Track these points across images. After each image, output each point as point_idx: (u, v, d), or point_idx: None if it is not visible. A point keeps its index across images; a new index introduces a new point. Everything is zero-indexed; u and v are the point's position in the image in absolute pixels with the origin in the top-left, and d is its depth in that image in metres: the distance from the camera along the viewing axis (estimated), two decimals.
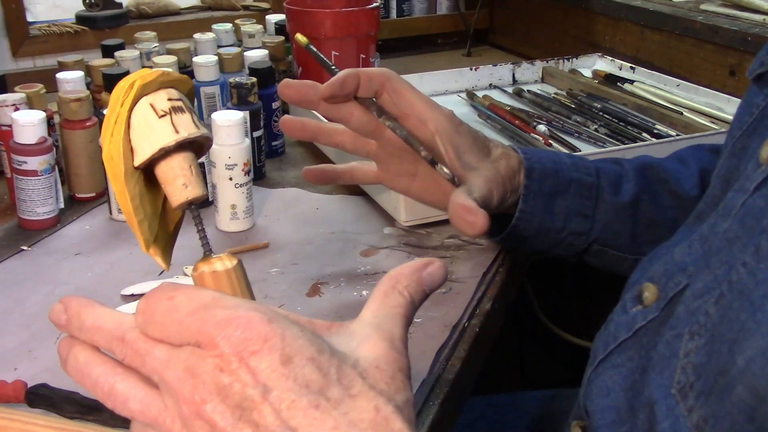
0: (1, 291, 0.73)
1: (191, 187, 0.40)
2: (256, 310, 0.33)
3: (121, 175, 0.40)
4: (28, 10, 1.37)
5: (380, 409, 0.33)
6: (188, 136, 0.40)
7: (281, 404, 0.32)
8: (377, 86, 0.65)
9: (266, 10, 1.52)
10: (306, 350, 0.33)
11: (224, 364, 0.32)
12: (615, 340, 0.52)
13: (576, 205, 0.70)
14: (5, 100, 0.88)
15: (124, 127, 0.40)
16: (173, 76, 0.42)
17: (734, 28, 1.14)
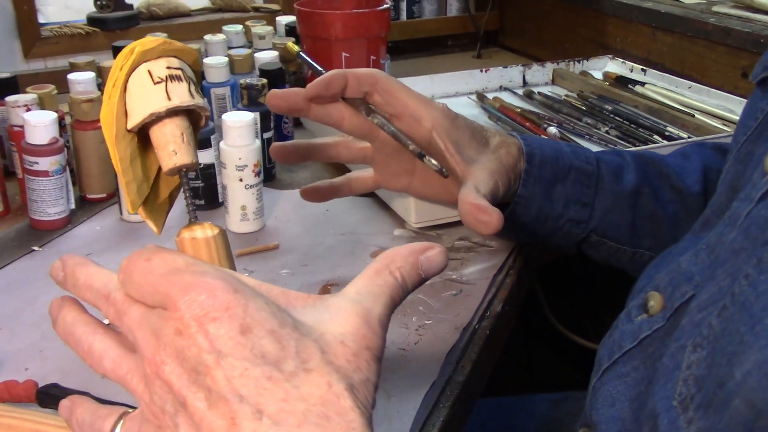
0: (13, 291, 0.73)
1: (180, 154, 0.41)
2: (223, 279, 0.34)
3: (111, 136, 0.42)
4: (40, 11, 1.38)
5: (332, 385, 0.33)
6: (180, 104, 0.41)
7: (234, 371, 0.32)
8: (367, 87, 0.65)
9: (276, 11, 1.52)
10: (267, 322, 0.33)
11: (183, 327, 0.33)
12: (620, 349, 0.52)
13: (575, 193, 0.69)
14: (17, 101, 0.89)
15: (120, 91, 0.41)
16: (176, 45, 0.43)
17: (746, 29, 1.13)
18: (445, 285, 0.74)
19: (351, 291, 0.38)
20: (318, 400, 0.32)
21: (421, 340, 0.66)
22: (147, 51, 0.42)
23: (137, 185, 0.43)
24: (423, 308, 0.70)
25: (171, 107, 0.41)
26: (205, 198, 0.89)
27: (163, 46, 0.43)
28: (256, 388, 0.32)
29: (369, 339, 0.35)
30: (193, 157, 0.42)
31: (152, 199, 0.45)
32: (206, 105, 0.44)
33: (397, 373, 0.62)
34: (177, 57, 0.43)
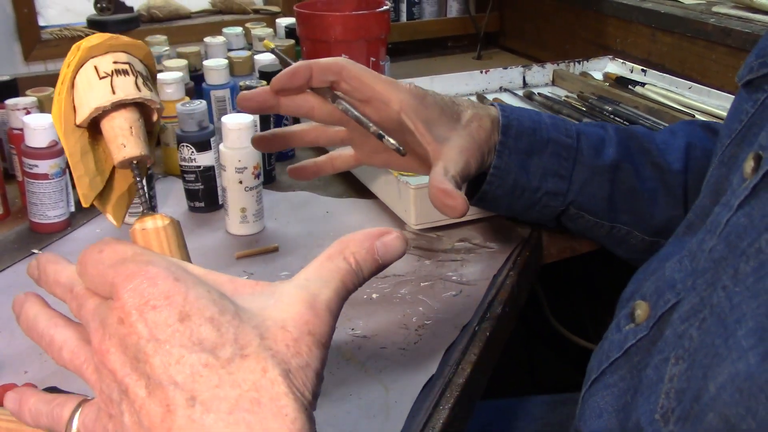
0: (12, 294, 0.72)
1: (129, 146, 0.42)
2: (166, 268, 0.34)
3: (61, 132, 0.42)
4: (40, 14, 1.38)
5: (267, 370, 0.33)
6: (125, 97, 0.42)
7: (170, 359, 0.33)
8: (332, 76, 0.65)
9: (276, 13, 1.52)
10: (207, 310, 0.34)
11: (125, 316, 0.34)
12: (608, 359, 0.51)
13: (552, 165, 0.69)
14: (17, 104, 0.89)
15: (67, 87, 0.42)
16: (123, 40, 0.43)
17: (746, 30, 1.13)
18: (445, 286, 0.74)
19: (300, 277, 0.37)
20: (251, 385, 0.32)
21: (421, 340, 0.66)
22: (93, 47, 0.43)
23: (89, 179, 0.43)
24: (423, 309, 0.70)
25: (115, 101, 0.42)
26: (204, 200, 0.89)
27: (109, 41, 0.43)
28: (192, 375, 0.32)
29: (312, 324, 0.35)
30: (143, 150, 0.42)
31: (109, 192, 0.45)
32: (155, 98, 0.44)
33: (396, 370, 0.62)
34: (125, 52, 0.44)
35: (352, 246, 0.38)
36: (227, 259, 0.79)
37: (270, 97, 0.65)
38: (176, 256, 0.41)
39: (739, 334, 0.36)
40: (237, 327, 0.34)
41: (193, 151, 0.87)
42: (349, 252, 0.38)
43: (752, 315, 0.36)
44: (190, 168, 0.88)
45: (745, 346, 0.36)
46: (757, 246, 0.38)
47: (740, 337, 0.36)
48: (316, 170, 0.75)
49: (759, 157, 0.43)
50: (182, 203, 0.91)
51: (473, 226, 0.85)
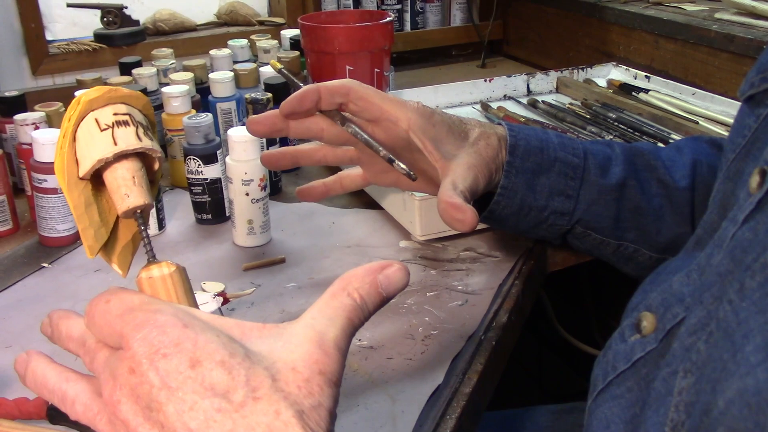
0: (23, 308, 0.74)
1: (132, 197, 0.42)
2: (174, 315, 0.35)
3: (65, 185, 0.43)
4: (47, 28, 1.39)
5: (281, 413, 0.33)
6: (126, 148, 0.42)
7: (184, 405, 0.33)
8: (340, 98, 0.65)
9: (281, 25, 1.53)
10: (217, 354, 0.34)
11: (136, 365, 0.34)
12: (614, 370, 0.52)
13: (559, 184, 0.70)
14: (26, 120, 0.90)
15: (69, 141, 0.43)
16: (122, 92, 0.44)
17: (749, 36, 1.13)
18: (450, 295, 0.74)
19: (307, 316, 0.38)
20: (265, 428, 0.33)
21: (427, 350, 0.66)
22: (93, 100, 0.43)
23: (94, 230, 0.44)
24: (429, 318, 0.71)
25: (117, 152, 0.42)
26: (211, 213, 0.90)
27: (109, 94, 0.44)
28: (206, 421, 0.33)
29: (322, 363, 0.35)
30: (146, 198, 0.43)
31: (113, 243, 0.46)
32: (156, 147, 0.44)
33: (402, 381, 0.62)
34: (125, 103, 0.45)
35: (354, 282, 0.39)
36: (234, 270, 0.80)
37: (279, 121, 0.66)
38: (183, 303, 0.41)
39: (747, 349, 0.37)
40: (248, 369, 0.34)
41: (199, 163, 0.87)
42: (353, 288, 0.38)
43: (760, 330, 0.37)
44: (197, 180, 0.88)
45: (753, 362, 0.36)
46: (762, 261, 0.39)
47: (748, 352, 0.36)
48: (324, 191, 0.75)
49: (764, 172, 0.43)
50: (189, 215, 0.92)
51: (478, 235, 0.85)
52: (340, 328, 0.37)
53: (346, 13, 1.22)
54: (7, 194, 0.88)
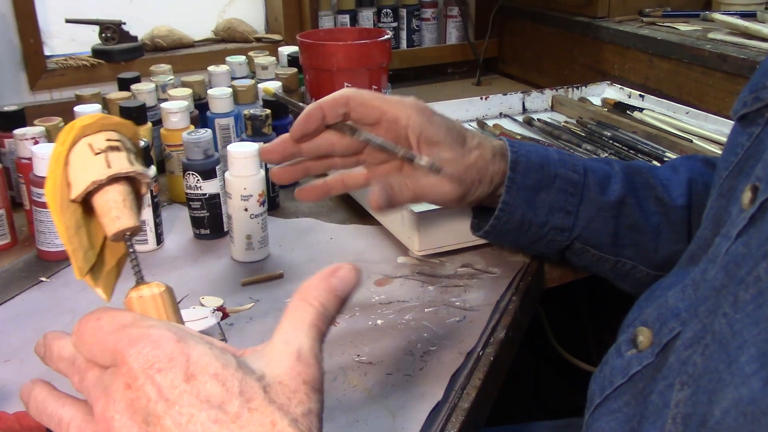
0: (22, 322, 0.74)
1: (123, 219, 0.43)
2: (168, 329, 0.36)
3: (56, 207, 0.44)
4: (46, 44, 1.40)
5: (276, 423, 0.34)
6: (120, 170, 0.44)
7: (182, 419, 0.34)
8: (342, 108, 0.67)
9: (279, 41, 1.54)
10: (210, 366, 0.35)
11: (132, 380, 0.35)
12: (611, 385, 0.52)
13: (559, 201, 0.71)
14: (25, 134, 0.90)
15: (62, 164, 0.44)
16: (114, 120, 0.46)
17: (742, 56, 1.15)
18: (449, 311, 0.75)
19: (279, 334, 0.39)
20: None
21: (426, 366, 0.66)
22: (86, 126, 0.45)
23: (83, 252, 0.45)
24: (427, 335, 0.71)
25: (111, 174, 0.44)
26: (210, 228, 0.90)
27: (102, 121, 0.45)
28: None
29: (305, 374, 0.37)
30: (136, 221, 0.44)
31: (100, 267, 0.46)
32: (146, 172, 0.46)
33: (402, 396, 0.62)
34: (115, 131, 0.46)
35: (312, 291, 0.40)
36: (233, 285, 0.80)
37: (290, 145, 0.68)
38: (173, 320, 0.42)
39: (742, 360, 0.37)
40: (241, 380, 0.35)
41: (198, 179, 0.88)
42: (312, 297, 0.40)
43: (753, 341, 0.37)
44: (195, 195, 0.89)
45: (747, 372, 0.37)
46: (755, 274, 0.39)
47: (743, 363, 0.37)
48: (326, 189, 0.74)
49: (756, 188, 0.44)
50: (188, 230, 0.92)
51: (476, 251, 0.85)
52: (311, 338, 0.39)
53: (344, 30, 1.23)
54: (5, 208, 0.88)
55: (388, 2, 1.63)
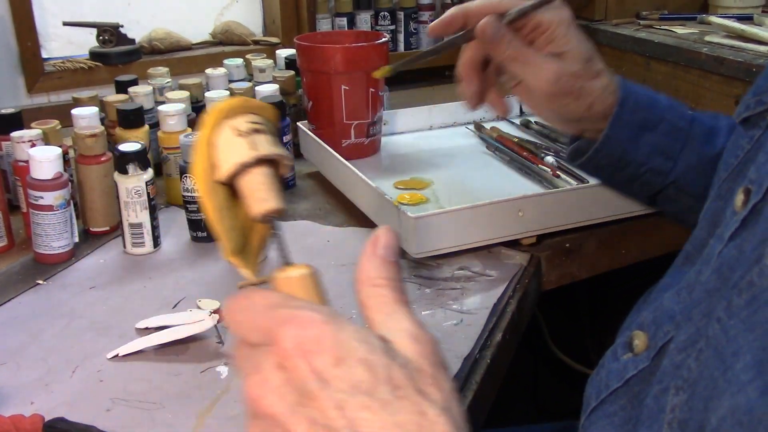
0: (18, 325, 0.74)
1: (270, 201, 0.43)
2: (317, 312, 0.35)
3: (204, 188, 0.45)
4: (43, 46, 1.40)
5: (425, 413, 0.34)
6: (264, 153, 0.44)
7: (333, 402, 0.33)
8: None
9: (276, 44, 1.54)
10: (358, 351, 0.34)
11: (285, 359, 0.34)
12: (607, 389, 0.52)
13: (662, 144, 0.70)
14: (22, 137, 0.90)
15: (206, 147, 0.45)
16: (255, 103, 0.47)
17: (739, 59, 1.15)
18: (446, 315, 0.75)
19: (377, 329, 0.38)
20: (414, 427, 0.33)
21: None
22: (229, 109, 0.45)
23: (230, 233, 0.45)
24: None
25: (257, 156, 0.44)
26: (207, 230, 0.90)
27: (243, 104, 0.46)
28: (356, 419, 0.33)
29: (430, 354, 0.36)
30: (281, 203, 0.44)
31: (244, 248, 0.47)
32: (288, 154, 0.46)
33: None
34: (256, 113, 0.47)
35: (371, 272, 0.38)
36: (230, 288, 0.80)
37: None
38: (319, 301, 0.42)
39: (738, 367, 0.37)
40: (388, 366, 0.34)
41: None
42: (375, 278, 0.38)
43: (749, 348, 0.37)
44: (192, 198, 0.89)
45: (743, 380, 0.37)
46: (748, 279, 0.39)
47: (738, 370, 0.37)
48: None
49: (748, 190, 0.44)
50: (185, 233, 0.92)
51: (473, 254, 0.85)
52: (407, 316, 0.37)
53: (342, 33, 1.23)
54: (2, 211, 0.88)
55: (386, 5, 1.63)
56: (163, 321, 0.72)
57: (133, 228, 0.87)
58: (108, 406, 0.62)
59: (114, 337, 0.71)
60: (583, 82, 0.69)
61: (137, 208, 0.86)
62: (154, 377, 0.65)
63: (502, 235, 0.86)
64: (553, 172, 1.00)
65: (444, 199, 0.96)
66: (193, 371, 0.66)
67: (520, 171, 1.04)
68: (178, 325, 0.70)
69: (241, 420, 0.60)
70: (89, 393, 0.63)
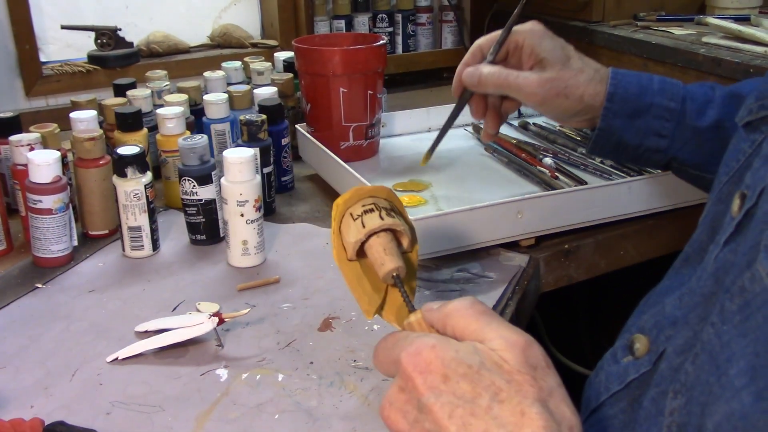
0: (17, 328, 0.74)
1: (386, 263, 0.54)
2: (429, 338, 0.42)
3: (340, 267, 0.56)
4: (41, 50, 1.40)
5: (525, 412, 0.39)
6: (372, 228, 0.54)
7: (444, 413, 0.39)
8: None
9: (274, 47, 1.55)
10: (460, 368, 0.41)
11: (404, 383, 0.42)
12: (607, 391, 0.52)
13: (653, 126, 0.78)
14: (21, 140, 0.90)
15: (337, 234, 0.56)
16: (367, 189, 0.57)
17: (736, 60, 1.15)
18: None
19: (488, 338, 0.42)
20: (514, 426, 0.38)
21: None
22: (347, 200, 0.56)
23: (368, 297, 0.56)
24: None
25: (366, 232, 0.54)
26: (206, 233, 0.90)
27: (357, 193, 0.57)
28: (464, 425, 0.39)
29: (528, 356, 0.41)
30: (397, 263, 0.54)
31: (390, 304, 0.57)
32: (398, 221, 0.56)
33: None
34: (371, 196, 0.57)
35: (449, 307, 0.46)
36: (229, 291, 0.80)
37: None
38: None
39: (732, 373, 0.38)
40: (486, 377, 0.40)
41: (194, 184, 0.88)
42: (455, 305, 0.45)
43: (742, 354, 0.38)
44: (191, 201, 0.89)
45: (737, 386, 0.37)
46: (740, 284, 0.39)
47: (733, 376, 0.37)
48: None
49: (744, 195, 0.44)
50: (184, 236, 0.92)
51: (472, 255, 0.86)
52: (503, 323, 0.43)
53: (340, 36, 1.23)
54: (1, 214, 0.88)
55: (384, 7, 1.63)
56: (162, 324, 0.72)
57: (132, 231, 0.87)
58: (108, 409, 0.62)
59: (113, 340, 0.71)
60: (567, 81, 0.76)
61: (136, 212, 0.86)
62: (153, 380, 0.65)
63: (501, 237, 0.86)
64: (551, 173, 1.01)
65: (443, 201, 0.96)
66: (193, 374, 0.66)
67: (518, 173, 1.04)
68: (177, 328, 0.70)
69: (240, 423, 0.60)
70: (89, 396, 0.63)
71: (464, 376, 0.40)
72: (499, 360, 0.41)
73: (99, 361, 0.68)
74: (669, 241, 0.96)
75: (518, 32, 0.79)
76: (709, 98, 0.77)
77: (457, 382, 0.40)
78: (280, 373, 0.66)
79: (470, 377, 0.40)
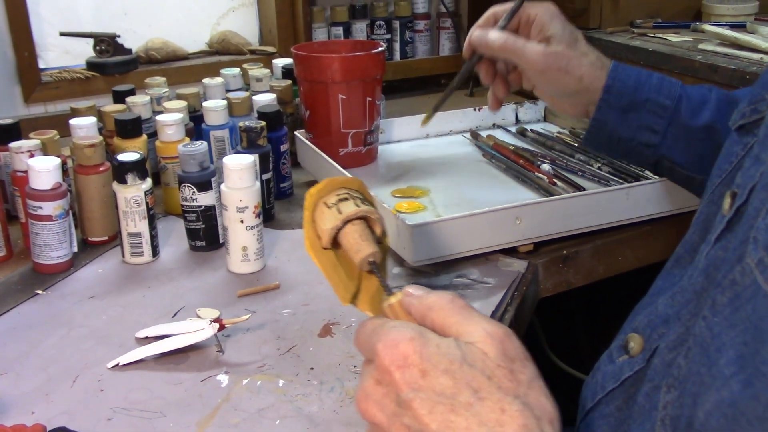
0: (17, 335, 0.74)
1: (362, 250, 0.53)
2: (407, 330, 0.42)
3: (315, 256, 0.56)
4: (40, 57, 1.40)
5: (505, 409, 0.39)
6: (348, 215, 0.54)
7: (423, 410, 0.39)
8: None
9: (273, 53, 1.55)
10: (440, 363, 0.40)
11: (380, 375, 0.41)
12: (603, 390, 0.53)
13: (648, 120, 0.78)
14: (21, 147, 0.90)
15: (310, 224, 0.56)
16: (340, 179, 0.57)
17: (732, 66, 1.16)
18: None
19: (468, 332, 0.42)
20: (495, 423, 0.38)
21: None
22: (320, 190, 0.56)
23: (343, 285, 0.55)
24: None
25: (343, 218, 0.54)
26: (205, 239, 0.90)
27: (331, 184, 0.56)
28: (444, 422, 0.39)
29: (507, 349, 0.41)
30: (373, 248, 0.53)
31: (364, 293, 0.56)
32: (372, 209, 0.55)
33: None
34: (344, 187, 0.57)
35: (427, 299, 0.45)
36: (229, 297, 0.80)
37: None
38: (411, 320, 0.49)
39: (721, 362, 0.39)
40: (467, 372, 0.40)
41: (194, 191, 0.88)
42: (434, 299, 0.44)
43: (731, 344, 0.38)
44: (191, 207, 0.89)
45: (727, 374, 0.38)
46: (731, 278, 0.40)
47: (722, 365, 0.38)
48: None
49: (734, 194, 0.46)
50: (183, 242, 0.92)
51: (470, 261, 0.86)
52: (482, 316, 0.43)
53: (338, 43, 1.24)
54: (0, 221, 0.88)
55: (382, 14, 1.64)
56: (162, 330, 0.72)
57: (131, 237, 0.87)
58: (109, 415, 0.62)
59: (114, 346, 0.72)
60: (570, 59, 0.78)
61: (136, 218, 0.86)
62: (154, 386, 0.66)
63: (500, 243, 0.87)
64: (549, 179, 1.01)
65: (441, 207, 0.97)
66: (194, 380, 0.66)
67: (516, 179, 1.05)
68: (177, 334, 0.71)
69: (241, 429, 0.60)
70: (90, 402, 0.63)
71: (445, 372, 0.40)
72: (480, 353, 0.40)
73: (100, 367, 0.68)
74: (667, 246, 0.97)
75: (532, 7, 0.81)
76: (705, 99, 0.78)
77: (436, 377, 0.40)
78: (280, 379, 0.66)
79: (451, 372, 0.40)
